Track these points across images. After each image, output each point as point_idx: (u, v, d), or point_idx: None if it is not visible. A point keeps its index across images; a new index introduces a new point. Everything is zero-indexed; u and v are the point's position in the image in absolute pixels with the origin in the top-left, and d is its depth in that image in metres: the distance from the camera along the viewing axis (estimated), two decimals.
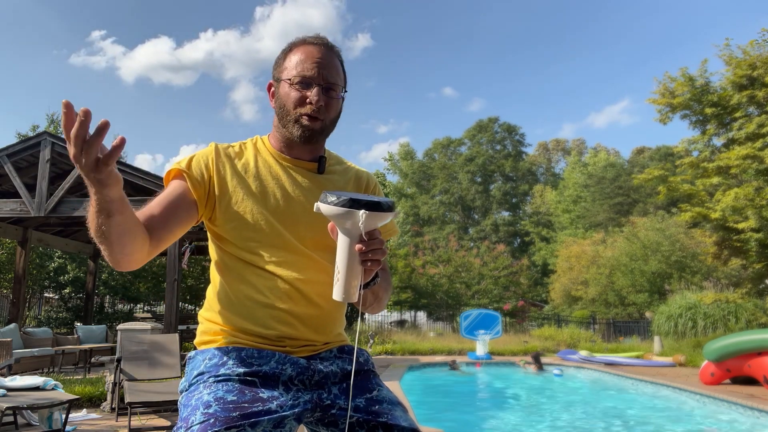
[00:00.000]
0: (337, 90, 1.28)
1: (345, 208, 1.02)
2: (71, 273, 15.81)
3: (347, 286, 1.06)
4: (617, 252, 21.74)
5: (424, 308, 23.24)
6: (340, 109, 1.32)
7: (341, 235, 1.07)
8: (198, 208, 1.24)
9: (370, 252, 1.05)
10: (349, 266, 1.06)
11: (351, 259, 1.06)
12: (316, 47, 1.28)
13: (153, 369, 5.35)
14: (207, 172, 1.26)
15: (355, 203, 1.02)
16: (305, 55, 1.27)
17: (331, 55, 1.29)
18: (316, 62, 1.26)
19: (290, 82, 1.26)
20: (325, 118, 1.27)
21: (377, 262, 1.07)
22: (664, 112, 15.15)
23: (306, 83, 1.25)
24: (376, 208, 1.03)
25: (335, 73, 1.28)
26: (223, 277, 1.28)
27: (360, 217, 1.01)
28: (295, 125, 1.26)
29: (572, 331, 16.11)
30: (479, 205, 43.29)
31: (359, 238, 1.04)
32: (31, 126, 18.74)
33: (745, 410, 6.23)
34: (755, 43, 13.73)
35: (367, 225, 1.03)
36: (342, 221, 1.04)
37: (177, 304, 8.13)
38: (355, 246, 1.05)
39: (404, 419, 1.22)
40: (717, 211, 13.15)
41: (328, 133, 1.32)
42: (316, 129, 1.26)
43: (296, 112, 1.26)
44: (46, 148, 8.22)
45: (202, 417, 1.07)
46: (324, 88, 1.26)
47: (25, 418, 4.48)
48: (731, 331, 11.41)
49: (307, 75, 1.25)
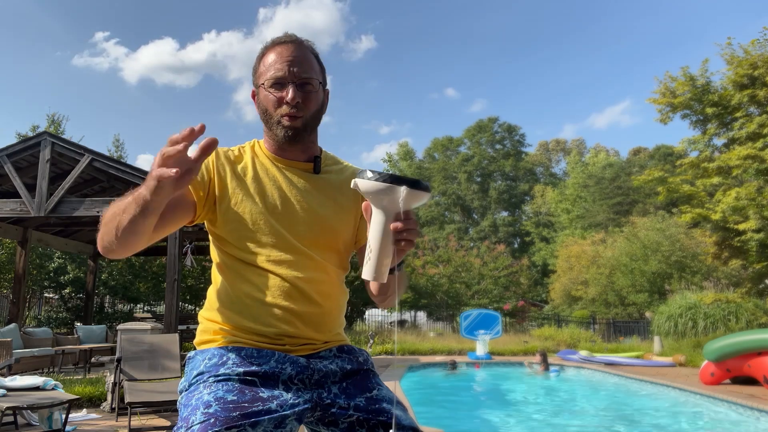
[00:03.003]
0: (312, 83, 1.28)
1: (387, 184, 1.00)
2: (71, 273, 15.81)
3: (378, 265, 1.05)
4: (617, 252, 21.74)
5: (424, 308, 23.23)
6: (321, 102, 1.32)
7: (376, 213, 1.05)
8: (197, 208, 1.26)
9: (406, 231, 1.03)
10: (383, 245, 1.04)
11: (385, 238, 1.04)
12: (285, 46, 1.29)
13: (153, 369, 5.35)
14: (208, 174, 1.27)
15: (396, 179, 1.00)
16: (276, 55, 1.28)
17: (301, 50, 1.29)
18: (287, 61, 1.26)
19: (265, 87, 1.28)
20: (305, 113, 1.27)
21: (411, 243, 1.06)
22: (665, 112, 15.16)
23: (280, 84, 1.26)
24: (416, 186, 1.01)
25: (308, 67, 1.28)
26: (224, 277, 1.29)
27: (401, 193, 0.99)
28: (278, 127, 1.27)
29: (572, 331, 16.11)
30: (478, 206, 43.30)
31: (396, 216, 1.03)
32: (32, 126, 18.74)
33: (745, 410, 6.22)
34: (757, 42, 13.74)
35: (406, 203, 1.01)
36: (380, 198, 1.02)
37: (177, 304, 8.13)
38: (390, 225, 1.03)
39: (404, 418, 1.22)
40: (717, 212, 13.15)
41: (312, 127, 1.31)
42: (298, 127, 1.27)
43: (277, 114, 1.27)
44: (46, 148, 8.21)
45: (202, 417, 1.07)
46: (298, 85, 1.26)
47: (25, 418, 4.48)
48: (731, 331, 11.40)
49: (279, 75, 1.26)
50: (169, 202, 1.19)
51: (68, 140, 8.69)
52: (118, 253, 1.14)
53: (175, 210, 1.21)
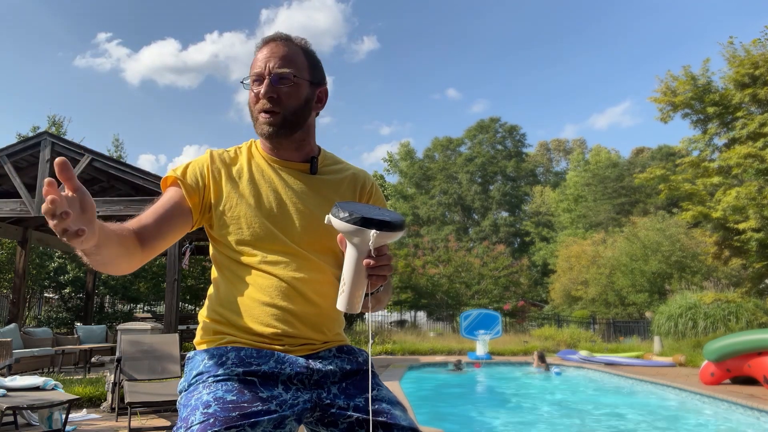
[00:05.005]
0: (289, 77, 1.25)
1: (356, 226, 1.02)
2: (71, 273, 15.81)
3: (351, 298, 1.07)
4: (617, 252, 21.72)
5: (424, 308, 23.23)
6: (303, 97, 1.28)
7: (350, 248, 1.07)
8: (193, 215, 1.26)
9: (378, 268, 1.06)
10: (354, 279, 1.07)
11: (357, 273, 1.06)
12: (268, 45, 1.29)
13: (153, 369, 5.35)
14: (202, 180, 1.28)
15: (367, 222, 1.02)
16: (258, 56, 1.28)
17: (286, 46, 1.28)
18: (266, 57, 1.27)
19: (245, 84, 1.29)
20: (282, 109, 1.25)
21: (383, 278, 1.08)
22: (666, 111, 15.15)
23: (258, 80, 1.26)
24: (387, 227, 1.03)
25: (286, 62, 1.26)
26: (222, 278, 1.29)
27: (370, 236, 1.02)
28: (259, 125, 1.27)
29: (572, 331, 16.11)
30: (479, 206, 43.27)
31: (368, 253, 1.05)
32: (32, 126, 18.75)
33: (745, 410, 6.22)
34: (758, 42, 13.74)
35: (377, 243, 1.04)
36: (351, 237, 1.05)
37: (177, 304, 8.13)
38: (363, 261, 1.05)
39: (404, 418, 1.22)
40: (718, 210, 13.15)
41: (293, 124, 1.27)
42: (275, 123, 1.25)
43: (256, 110, 1.27)
44: (46, 148, 8.22)
45: (201, 417, 1.07)
46: (273, 80, 1.24)
47: (25, 418, 4.49)
48: (731, 331, 11.39)
49: (256, 72, 1.26)
50: (165, 211, 1.20)
51: (68, 140, 8.69)
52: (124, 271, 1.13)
53: (171, 219, 1.21)
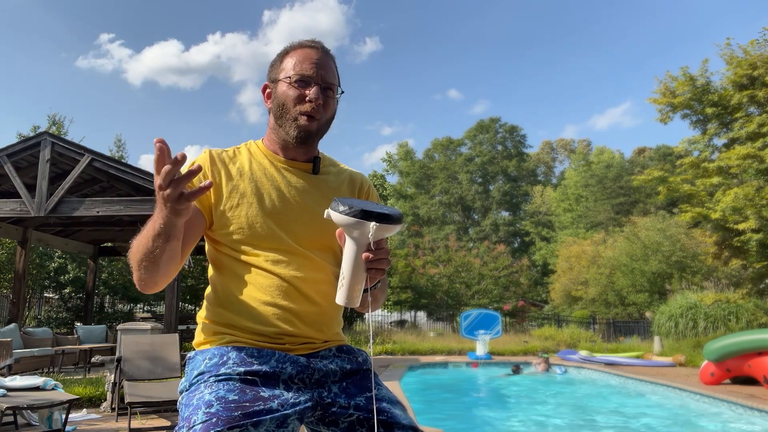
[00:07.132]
0: (334, 90, 1.32)
1: (356, 219, 1.03)
2: (71, 273, 15.81)
3: (350, 292, 1.09)
4: (617, 252, 21.73)
5: (424, 308, 23.24)
6: (334, 111, 1.35)
7: (349, 242, 1.09)
8: (206, 216, 1.27)
9: (377, 261, 1.08)
10: (354, 273, 1.08)
11: (357, 267, 1.08)
12: (313, 50, 1.32)
13: (153, 369, 5.35)
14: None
15: (367, 215, 1.03)
16: (303, 56, 1.30)
17: (328, 58, 1.33)
18: (314, 63, 1.29)
19: (289, 81, 1.28)
20: (321, 117, 1.29)
21: (382, 272, 1.11)
22: (665, 112, 15.16)
23: (305, 82, 1.28)
24: (386, 220, 1.05)
25: (332, 74, 1.32)
26: (222, 278, 1.29)
27: (370, 228, 1.03)
28: (292, 125, 1.28)
29: (572, 331, 16.11)
30: (479, 206, 43.26)
31: (367, 247, 1.07)
32: (32, 126, 18.74)
33: (746, 410, 6.23)
34: (756, 43, 13.74)
35: (376, 236, 1.05)
36: (351, 230, 1.06)
37: (177, 304, 8.13)
38: (362, 254, 1.07)
39: (404, 417, 1.23)
40: (717, 211, 13.15)
41: (322, 133, 1.34)
42: (312, 130, 1.28)
43: (296, 110, 1.28)
44: (46, 148, 8.21)
45: (204, 416, 1.07)
46: (322, 88, 1.28)
47: (25, 418, 4.48)
48: (732, 331, 11.40)
49: (306, 74, 1.28)
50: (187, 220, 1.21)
51: (68, 140, 8.68)
52: (161, 284, 1.17)
53: (194, 226, 1.23)
